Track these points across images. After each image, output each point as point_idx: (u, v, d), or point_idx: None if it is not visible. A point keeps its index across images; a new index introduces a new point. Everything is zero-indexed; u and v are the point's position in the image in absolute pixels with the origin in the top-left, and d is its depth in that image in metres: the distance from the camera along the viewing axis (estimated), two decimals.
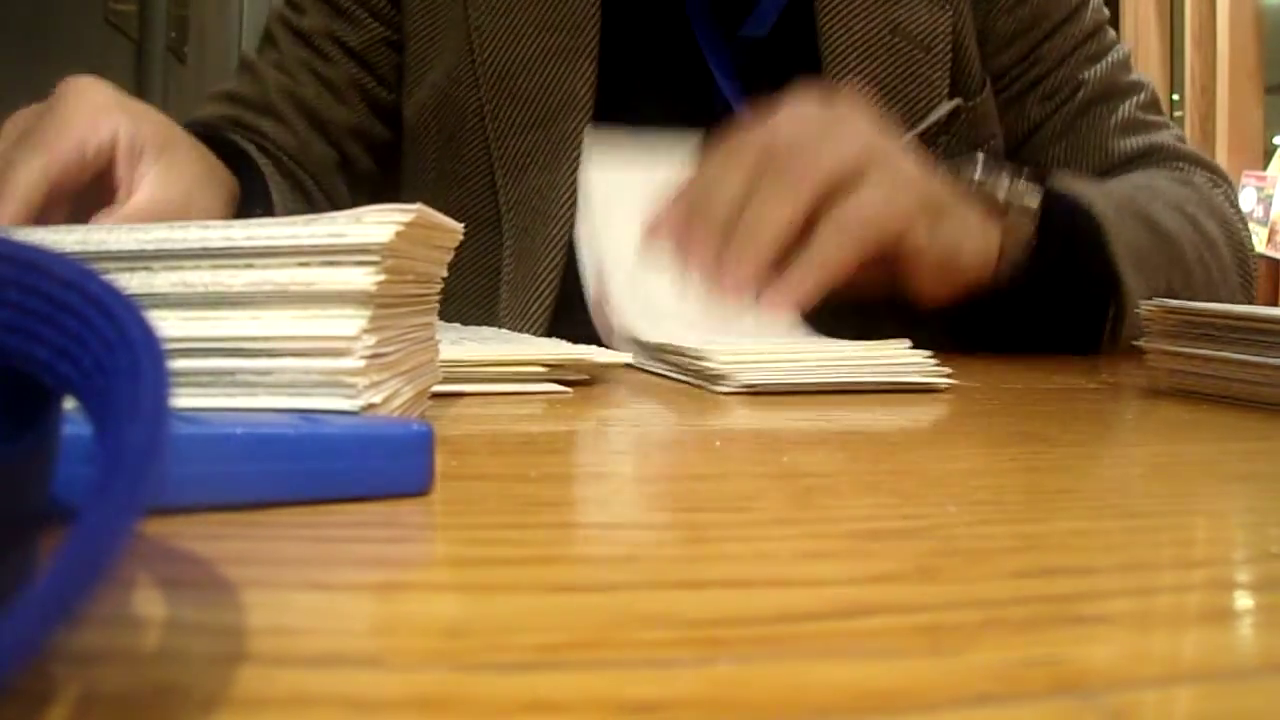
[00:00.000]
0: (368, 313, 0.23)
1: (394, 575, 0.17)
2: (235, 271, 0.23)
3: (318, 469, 0.20)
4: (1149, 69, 2.42)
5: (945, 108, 0.67)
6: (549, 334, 0.59)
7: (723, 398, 0.37)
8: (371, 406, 0.23)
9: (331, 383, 0.23)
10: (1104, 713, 0.12)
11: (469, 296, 0.70)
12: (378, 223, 0.24)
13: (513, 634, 0.14)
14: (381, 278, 0.23)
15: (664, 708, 0.12)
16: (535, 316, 0.66)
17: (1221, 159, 2.15)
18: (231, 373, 0.23)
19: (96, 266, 0.13)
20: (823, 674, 0.13)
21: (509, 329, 0.62)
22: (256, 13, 2.06)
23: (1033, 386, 0.46)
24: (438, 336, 0.31)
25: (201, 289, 0.23)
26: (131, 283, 0.23)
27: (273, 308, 0.23)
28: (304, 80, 0.71)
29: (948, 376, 0.41)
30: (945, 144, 0.67)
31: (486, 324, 0.64)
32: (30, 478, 0.14)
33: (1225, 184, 0.74)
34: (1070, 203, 0.59)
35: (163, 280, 0.23)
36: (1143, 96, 0.74)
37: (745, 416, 0.35)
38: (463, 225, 0.30)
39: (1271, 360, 0.38)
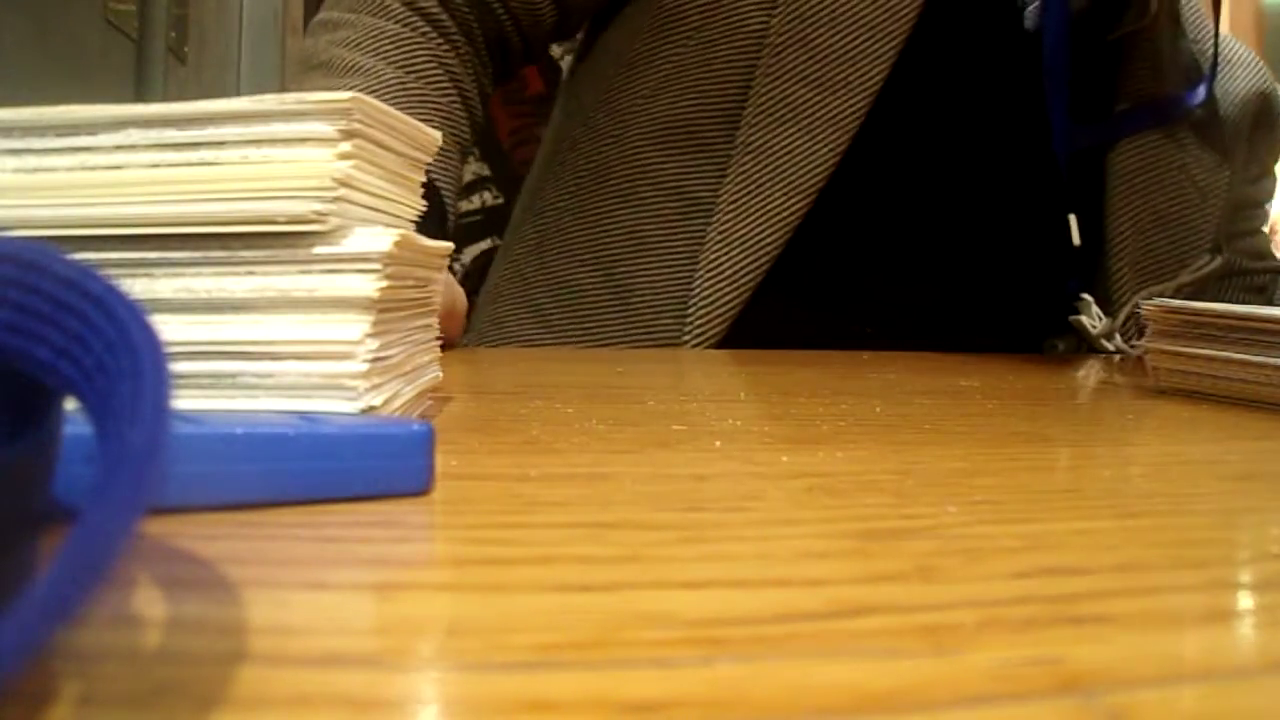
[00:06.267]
0: (370, 317, 0.23)
1: (394, 575, 0.17)
2: (238, 279, 0.23)
3: (318, 469, 0.20)
4: None
5: (1215, 263, 0.67)
6: (754, 301, 0.60)
7: (723, 397, 0.37)
8: (372, 409, 0.23)
9: (333, 385, 0.23)
10: (1104, 713, 0.12)
11: (653, 209, 0.64)
12: (376, 233, 0.24)
13: (513, 634, 0.14)
14: (384, 284, 0.23)
15: (664, 708, 0.12)
16: (743, 280, 0.61)
17: None
18: (233, 375, 0.23)
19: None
20: (823, 674, 0.13)
21: (706, 279, 0.61)
22: (257, 13, 2.06)
23: (1033, 386, 0.46)
24: None
25: (204, 294, 0.23)
26: (134, 289, 0.23)
27: (275, 313, 0.23)
28: None
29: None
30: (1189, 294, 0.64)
31: (670, 245, 0.62)
32: (31, 478, 0.14)
33: None
34: None
35: (165, 286, 0.23)
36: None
37: (745, 416, 0.35)
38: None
39: (1271, 360, 0.38)
